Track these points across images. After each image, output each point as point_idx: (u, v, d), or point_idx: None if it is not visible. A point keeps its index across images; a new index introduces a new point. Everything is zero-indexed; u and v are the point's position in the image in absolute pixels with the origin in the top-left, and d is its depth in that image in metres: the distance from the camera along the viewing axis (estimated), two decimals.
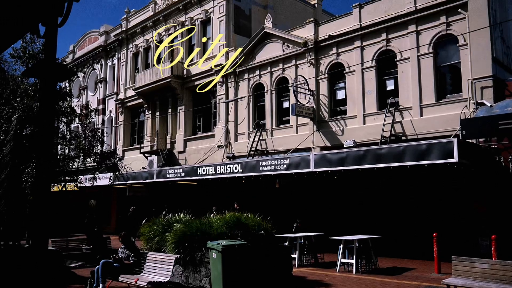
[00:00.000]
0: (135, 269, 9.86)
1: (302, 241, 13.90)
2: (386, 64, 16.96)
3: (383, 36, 16.79)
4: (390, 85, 16.88)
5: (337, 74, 18.46)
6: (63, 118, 18.36)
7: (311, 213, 18.06)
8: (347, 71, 17.93)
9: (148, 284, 8.69)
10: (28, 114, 16.87)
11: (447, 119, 14.63)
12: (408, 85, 16.04)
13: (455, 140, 11.83)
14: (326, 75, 18.64)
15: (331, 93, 18.71)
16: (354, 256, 12.02)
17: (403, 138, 15.74)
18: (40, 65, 4.44)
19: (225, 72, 22.20)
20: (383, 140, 15.76)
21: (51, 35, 4.31)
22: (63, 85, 18.66)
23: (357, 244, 12.01)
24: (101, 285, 9.26)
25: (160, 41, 27.46)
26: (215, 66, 22.80)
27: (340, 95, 18.53)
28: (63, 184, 18.56)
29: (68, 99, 19.54)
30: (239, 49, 21.94)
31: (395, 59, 16.45)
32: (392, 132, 15.93)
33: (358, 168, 13.95)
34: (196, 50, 24.82)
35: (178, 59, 24.87)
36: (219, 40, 23.29)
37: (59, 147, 20.04)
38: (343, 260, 12.43)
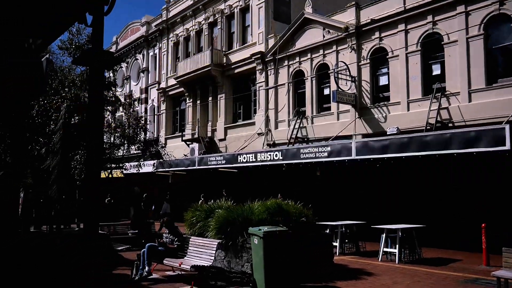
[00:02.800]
0: (178, 253, 10.11)
1: (344, 229, 13.78)
2: (432, 48, 16.35)
3: (429, 18, 16.17)
4: (436, 70, 16.28)
5: (379, 59, 17.99)
6: (108, 107, 18.90)
7: (352, 201, 17.83)
8: (390, 56, 17.44)
9: (192, 267, 8.88)
10: (76, 104, 17.46)
11: (498, 105, 13.96)
12: (455, 69, 15.42)
13: (507, 127, 11.30)
14: (368, 61, 18.21)
15: (373, 79, 18.28)
16: (397, 246, 11.80)
17: (450, 125, 15.18)
18: (88, 54, 4.57)
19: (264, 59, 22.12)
20: (428, 127, 15.27)
21: (98, 24, 4.42)
22: (108, 75, 19.19)
23: (400, 233, 11.77)
24: (146, 267, 9.55)
25: (200, 30, 27.68)
26: (255, 53, 22.76)
27: (383, 80, 18.07)
28: (109, 171, 19.17)
29: (113, 88, 20.09)
30: (279, 36, 21.79)
31: (442, 42, 15.83)
32: (438, 119, 15.40)
33: (401, 156, 13.61)
34: (236, 37, 24.84)
35: (217, 47, 25.00)
36: (259, 27, 23.20)
37: (105, 135, 20.69)
38: (385, 249, 12.23)
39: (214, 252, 9.41)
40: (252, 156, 18.59)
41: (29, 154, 18.42)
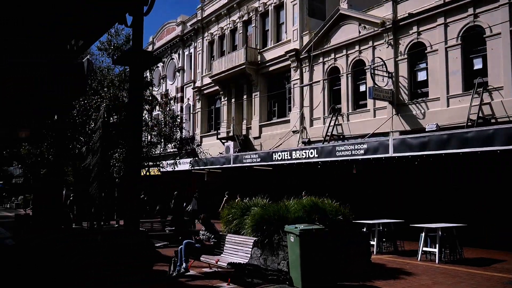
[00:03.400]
0: (215, 250, 10.21)
1: (381, 227, 13.54)
2: (473, 42, 15.81)
3: (470, 11, 15.63)
4: (477, 64, 15.73)
5: (417, 54, 17.55)
6: (145, 106, 19.30)
7: (390, 199, 17.50)
8: (428, 51, 16.98)
9: (228, 264, 8.95)
10: (114, 103, 17.92)
11: None
12: (498, 63, 14.84)
13: None
14: (405, 56, 17.80)
15: (411, 75, 17.86)
16: (437, 245, 11.49)
17: (493, 120, 14.64)
18: (129, 54, 4.68)
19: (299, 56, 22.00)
20: (469, 123, 14.78)
21: (137, 25, 4.51)
22: (145, 75, 19.59)
23: (440, 233, 11.46)
24: (184, 264, 9.68)
25: (235, 29, 27.82)
26: (289, 51, 22.69)
27: (421, 76, 17.62)
28: (147, 169, 19.57)
29: (150, 88, 20.50)
30: (313, 33, 21.62)
31: (484, 36, 15.27)
32: (480, 115, 14.89)
33: (441, 153, 13.22)
34: (270, 35, 24.82)
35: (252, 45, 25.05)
36: (293, 24, 23.09)
37: (142, 133, 21.15)
38: (425, 249, 11.93)
39: (250, 249, 9.43)
40: (287, 154, 18.54)
41: (70, 153, 19.09)
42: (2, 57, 6.96)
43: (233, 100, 27.37)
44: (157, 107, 22.89)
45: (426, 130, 15.75)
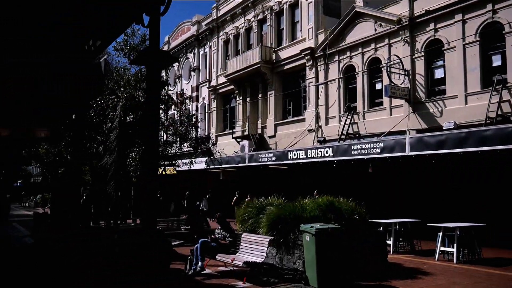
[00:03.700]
0: (230, 249, 10.23)
1: (398, 227, 13.41)
2: (491, 38, 15.54)
3: (489, 7, 15.36)
4: (496, 61, 15.45)
5: (435, 51, 17.33)
6: (161, 106, 19.43)
7: (406, 198, 17.33)
8: (446, 48, 16.75)
9: (244, 263, 8.96)
10: (131, 103, 18.09)
11: None
12: None
13: None
14: (422, 53, 17.59)
15: (428, 72, 17.64)
16: (455, 245, 11.34)
17: None
18: (146, 53, 4.72)
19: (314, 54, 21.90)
20: (488, 121, 14.54)
21: (154, 24, 4.54)
22: (161, 75, 19.73)
23: (458, 232, 11.30)
24: (200, 263, 9.73)
25: (249, 27, 27.82)
26: (304, 49, 22.61)
27: (438, 74, 17.40)
28: (163, 168, 19.71)
29: (166, 87, 20.64)
30: (329, 31, 21.51)
31: (503, 32, 14.99)
32: (499, 112, 14.63)
33: (459, 151, 13.03)
34: (285, 34, 24.77)
35: (266, 44, 25.02)
36: (308, 23, 23.00)
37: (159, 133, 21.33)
38: (442, 249, 11.77)
39: (265, 248, 9.44)
40: (302, 153, 18.48)
41: (87, 152, 19.33)
42: (18, 56, 7.09)
43: (248, 99, 27.39)
44: (173, 107, 23.04)
45: (444, 128, 15.55)
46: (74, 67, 6.38)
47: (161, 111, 20.25)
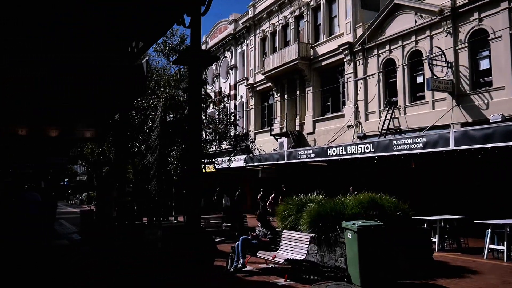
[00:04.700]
0: (271, 247, 10.25)
1: (443, 224, 13.03)
2: None
3: None
4: None
5: (479, 42, 16.68)
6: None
7: (451, 194, 16.79)
8: (491, 38, 16.08)
9: (285, 261, 8.97)
10: (170, 102, 18.42)
11: None
12: None
13: None
14: (466, 44, 16.97)
15: (472, 64, 17.01)
16: (505, 242, 10.89)
17: None
18: (188, 53, 4.79)
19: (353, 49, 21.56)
20: None
21: (195, 25, 4.60)
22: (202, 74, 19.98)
23: (508, 229, 10.85)
24: (241, 260, 9.80)
25: (286, 24, 27.72)
26: (342, 44, 22.31)
27: (484, 64, 16.74)
28: (202, 166, 19.98)
29: (204, 86, 20.88)
30: (367, 25, 21.12)
31: None
32: None
33: (508, 145, 12.50)
34: (322, 29, 24.52)
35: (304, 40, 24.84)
36: (346, 17, 22.66)
37: None
38: (491, 246, 11.35)
39: (306, 246, 9.39)
40: (342, 149, 18.26)
41: (130, 151, 19.86)
42: (67, 55, 7.33)
43: (286, 96, 27.30)
44: (211, 105, 23.29)
45: (490, 121, 14.95)
46: (119, 68, 6.56)
47: None
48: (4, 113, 9.43)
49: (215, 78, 36.21)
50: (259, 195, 24.67)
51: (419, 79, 19.02)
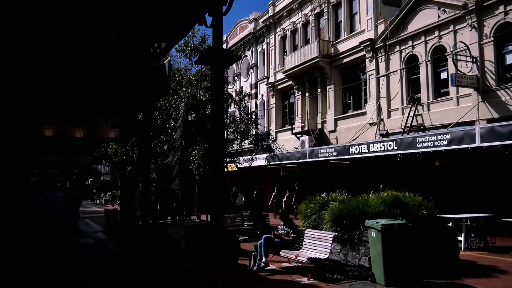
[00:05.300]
0: (294, 245, 10.23)
1: (469, 222, 12.78)
2: None
3: None
4: None
5: (505, 36, 16.28)
6: None
7: (477, 192, 16.45)
8: None
9: (308, 260, 8.94)
10: (192, 102, 18.56)
11: None
12: None
13: None
14: (491, 39, 16.58)
15: (498, 58, 16.61)
16: None
17: None
18: (210, 53, 4.81)
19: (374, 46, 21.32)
20: None
21: (217, 24, 4.62)
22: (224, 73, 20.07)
23: None
24: (264, 258, 9.81)
25: (307, 22, 27.59)
26: (363, 41, 22.09)
27: (510, 59, 16.33)
28: (224, 165, 20.07)
29: (225, 85, 20.96)
30: (389, 21, 20.85)
31: None
32: None
33: None
34: (343, 26, 24.32)
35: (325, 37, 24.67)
36: (367, 14, 22.42)
37: None
38: None
39: (329, 244, 9.34)
40: (364, 147, 18.08)
41: (152, 151, 20.10)
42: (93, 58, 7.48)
43: (307, 94, 27.18)
44: (232, 104, 23.36)
45: None
46: (142, 69, 6.64)
47: None
48: (32, 115, 9.68)
49: (236, 77, 36.30)
50: (273, 193, 24.64)
51: (443, 75, 18.68)
